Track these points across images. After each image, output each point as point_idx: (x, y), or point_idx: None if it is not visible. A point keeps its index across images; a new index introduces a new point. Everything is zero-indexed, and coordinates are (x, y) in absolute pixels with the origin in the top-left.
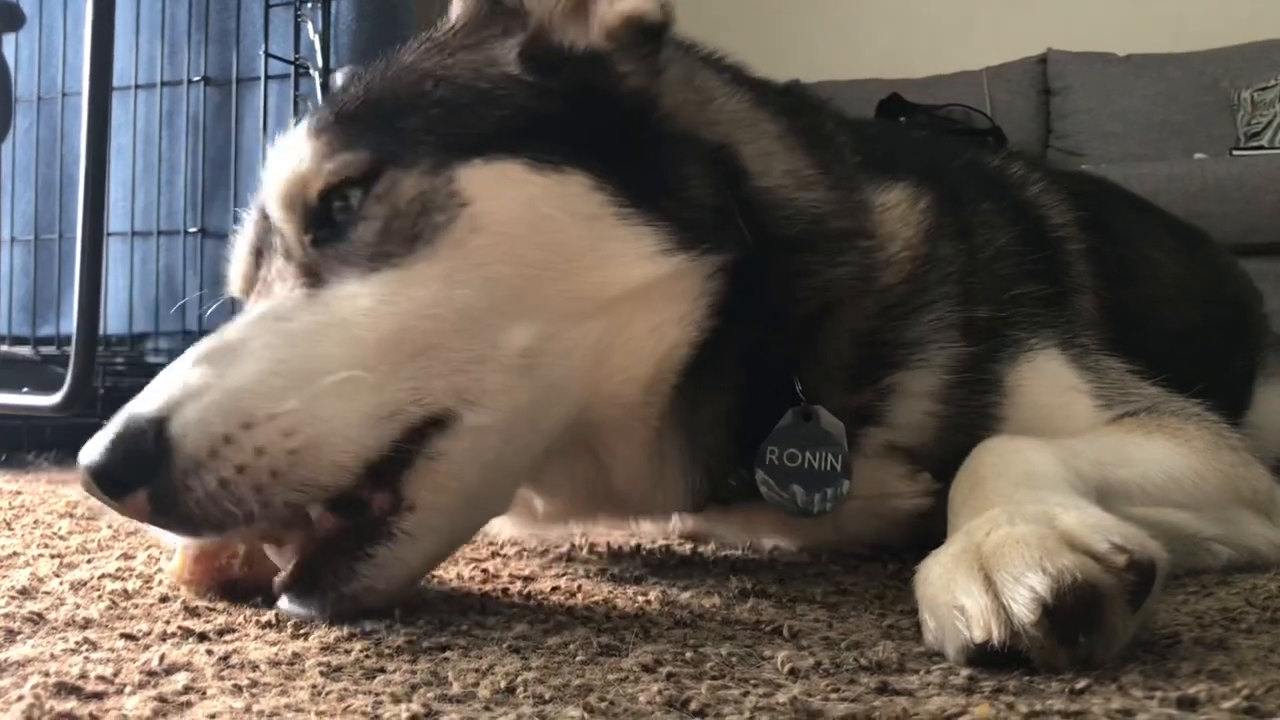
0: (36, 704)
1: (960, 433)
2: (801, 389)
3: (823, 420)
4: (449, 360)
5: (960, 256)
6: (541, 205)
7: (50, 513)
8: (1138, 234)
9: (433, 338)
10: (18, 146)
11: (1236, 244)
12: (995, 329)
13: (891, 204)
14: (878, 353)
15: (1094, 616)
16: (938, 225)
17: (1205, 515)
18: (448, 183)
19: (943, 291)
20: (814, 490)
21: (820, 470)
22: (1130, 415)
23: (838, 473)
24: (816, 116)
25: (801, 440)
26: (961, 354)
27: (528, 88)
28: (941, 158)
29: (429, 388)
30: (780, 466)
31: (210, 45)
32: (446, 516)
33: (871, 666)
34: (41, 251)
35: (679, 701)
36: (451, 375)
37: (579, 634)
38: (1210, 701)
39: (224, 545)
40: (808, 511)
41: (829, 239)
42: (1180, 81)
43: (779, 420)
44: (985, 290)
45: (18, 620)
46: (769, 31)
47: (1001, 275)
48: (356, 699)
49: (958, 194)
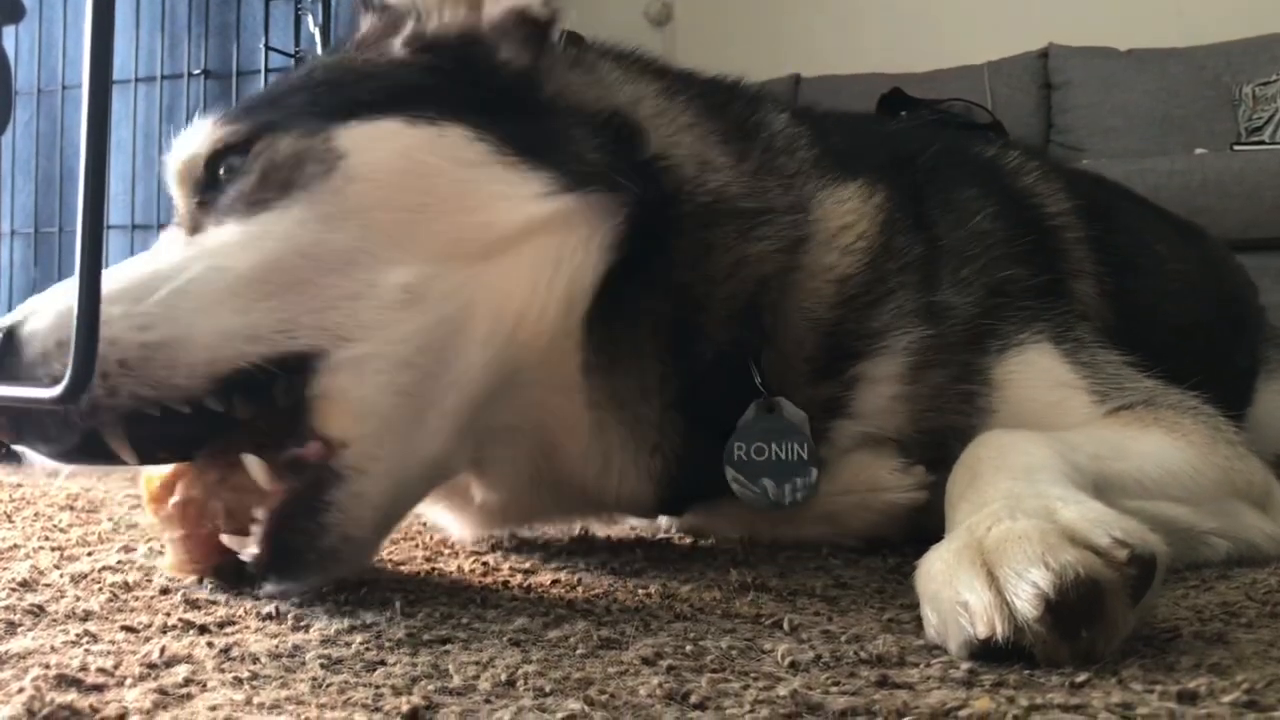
0: (37, 696)
1: (939, 417)
2: (763, 381)
3: (786, 411)
4: (319, 297)
5: (919, 245)
6: (417, 153)
7: (51, 505)
8: (1139, 225)
9: (305, 273)
10: (18, 139)
11: (1237, 239)
12: (977, 317)
13: (845, 197)
14: (841, 343)
15: (1096, 611)
16: (894, 216)
17: (1202, 509)
18: (325, 140)
19: (901, 280)
20: (783, 482)
21: (788, 461)
22: (1127, 408)
23: (805, 462)
24: (750, 108)
25: (766, 433)
26: (923, 337)
27: (408, 67)
28: (916, 150)
29: (297, 322)
30: (749, 462)
31: (211, 38)
32: (380, 446)
33: (872, 660)
34: (41, 245)
35: (679, 694)
36: (322, 312)
37: (579, 627)
38: (1210, 695)
39: (204, 513)
40: (779, 504)
41: (737, 216)
42: (1181, 76)
43: None
44: (953, 274)
45: (18, 612)
46: (771, 26)
47: (976, 260)
48: (357, 691)
49: (929, 184)
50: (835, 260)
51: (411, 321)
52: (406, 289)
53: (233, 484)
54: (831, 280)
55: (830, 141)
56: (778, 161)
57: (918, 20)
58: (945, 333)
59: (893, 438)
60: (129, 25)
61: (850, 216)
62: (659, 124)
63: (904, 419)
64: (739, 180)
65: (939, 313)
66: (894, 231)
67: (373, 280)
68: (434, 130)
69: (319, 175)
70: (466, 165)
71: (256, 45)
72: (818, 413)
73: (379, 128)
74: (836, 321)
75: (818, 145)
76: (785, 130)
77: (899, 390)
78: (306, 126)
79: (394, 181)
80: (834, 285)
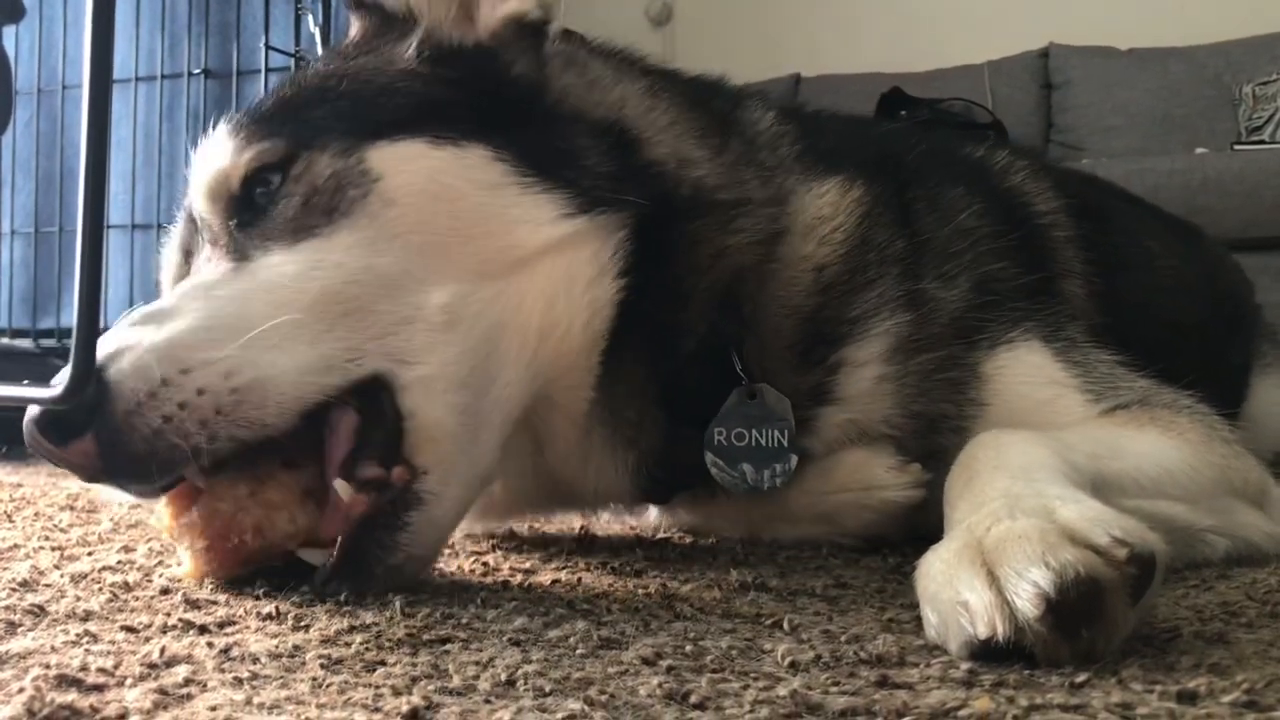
0: (37, 696)
1: (925, 401)
2: (744, 368)
3: (768, 398)
4: (377, 323)
5: (901, 239)
6: (444, 176)
7: (51, 505)
8: (1131, 224)
9: (359, 300)
10: (18, 139)
11: (1237, 238)
12: (963, 311)
13: (823, 191)
14: (822, 330)
15: (1096, 610)
16: (873, 210)
17: (1200, 507)
18: (359, 162)
19: (882, 271)
20: (762, 467)
21: (768, 447)
22: (1122, 408)
23: (785, 448)
24: (731, 104)
25: (747, 419)
26: (904, 322)
27: (424, 79)
28: (902, 149)
29: (362, 348)
30: (729, 447)
31: (211, 38)
32: (453, 471)
33: (871, 660)
34: (42, 244)
35: (679, 694)
36: (382, 338)
37: (579, 627)
38: (1210, 695)
39: (232, 526)
40: (758, 489)
41: (716, 207)
42: (1182, 76)
43: None
44: (936, 268)
45: (19, 613)
46: (772, 26)
47: (960, 255)
48: (357, 691)
49: (914, 181)
50: (812, 250)
51: (457, 344)
52: (445, 310)
53: (262, 499)
54: (808, 269)
55: (815, 139)
56: (758, 156)
57: (918, 20)
58: (929, 321)
59: (884, 429)
60: (129, 24)
61: (827, 209)
62: (643, 125)
63: (890, 403)
64: (715, 173)
65: (922, 301)
66: (873, 224)
67: (419, 303)
68: (457, 152)
69: (358, 199)
70: (488, 189)
71: (257, 44)
72: (804, 401)
73: (406, 149)
74: (816, 309)
75: (801, 142)
76: (770, 127)
77: (882, 372)
78: (338, 145)
79: (424, 205)
80: (811, 274)
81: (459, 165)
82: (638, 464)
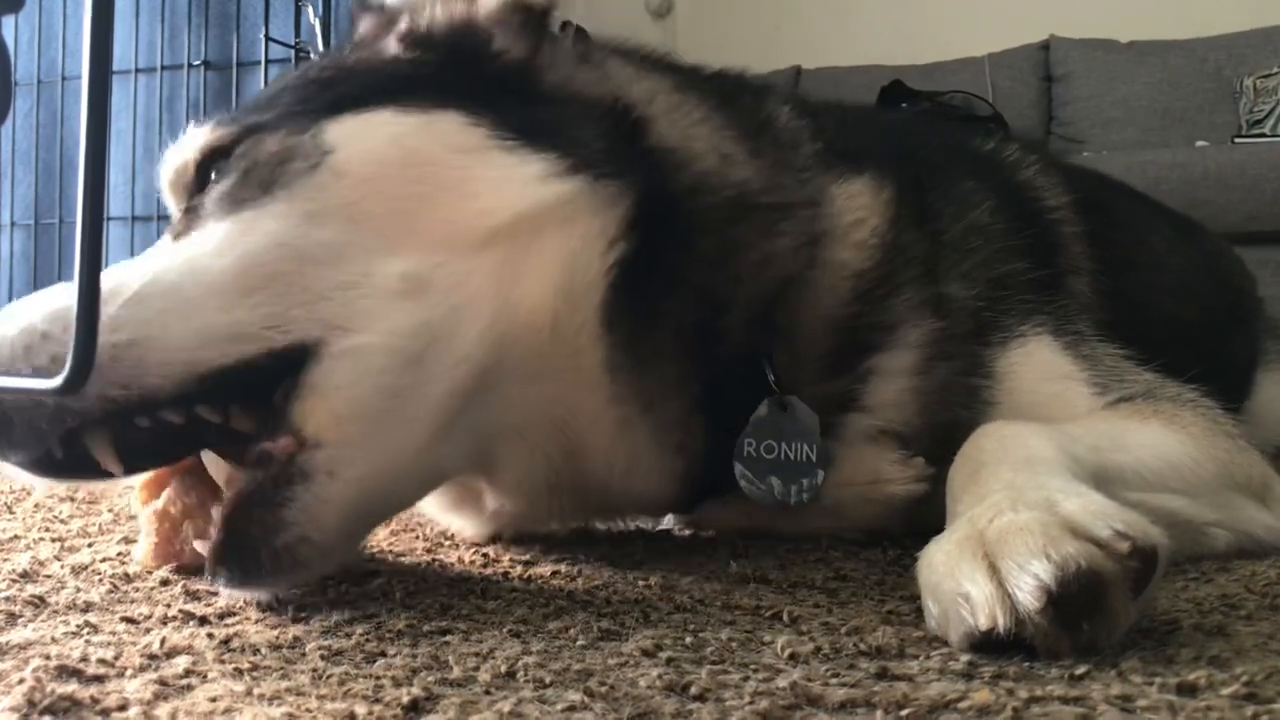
0: (38, 687)
1: (946, 410)
2: (776, 378)
3: (798, 411)
4: (309, 290)
5: (924, 240)
6: (409, 140)
7: (51, 496)
8: (1136, 220)
9: (286, 267)
10: (17, 130)
11: (1238, 232)
12: (979, 310)
13: (854, 192)
14: (856, 338)
15: (1097, 603)
16: (902, 211)
17: (1202, 500)
18: (314, 136)
19: (910, 274)
20: (790, 482)
21: (796, 462)
22: (1126, 401)
23: (812, 463)
24: (758, 101)
25: (778, 432)
26: (934, 330)
27: (400, 62)
28: (916, 142)
29: (287, 316)
30: (758, 459)
31: (210, 29)
32: (359, 449)
33: (871, 652)
34: (41, 236)
35: (679, 686)
36: (314, 304)
37: (579, 618)
38: (1209, 688)
39: (176, 531)
40: (784, 503)
41: (760, 211)
42: (1182, 68)
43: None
44: (956, 268)
45: (19, 604)
46: (772, 18)
47: (977, 253)
48: (357, 683)
49: (930, 177)
50: (850, 256)
51: (415, 313)
52: (405, 278)
53: (209, 510)
54: (847, 276)
55: (832, 134)
56: (788, 155)
57: (918, 12)
58: (952, 325)
59: (899, 430)
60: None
61: (862, 211)
62: (676, 119)
63: (913, 411)
64: (759, 175)
65: (946, 305)
66: (903, 226)
67: (366, 270)
68: (425, 117)
69: (303, 171)
70: (462, 151)
71: (256, 36)
72: (830, 408)
73: (368, 119)
74: (852, 317)
75: (820, 138)
76: (790, 123)
77: (911, 383)
78: (295, 124)
79: (385, 172)
80: (850, 281)
81: (428, 130)
82: (686, 470)
